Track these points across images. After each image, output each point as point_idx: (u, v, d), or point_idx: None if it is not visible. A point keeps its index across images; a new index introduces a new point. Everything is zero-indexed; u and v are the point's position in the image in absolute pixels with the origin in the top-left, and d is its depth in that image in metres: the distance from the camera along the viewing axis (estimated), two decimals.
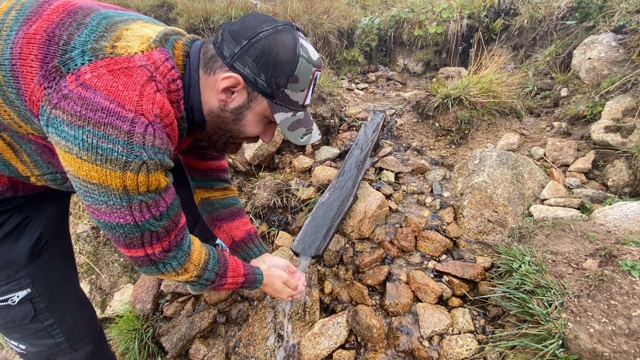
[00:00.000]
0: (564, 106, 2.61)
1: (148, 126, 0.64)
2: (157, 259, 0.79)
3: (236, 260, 1.04)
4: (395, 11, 4.36)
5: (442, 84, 2.81)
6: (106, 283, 1.96)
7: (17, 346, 0.95)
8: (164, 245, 0.78)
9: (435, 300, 1.54)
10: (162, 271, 0.82)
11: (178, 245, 0.82)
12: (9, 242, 0.83)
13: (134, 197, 0.68)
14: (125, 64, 0.64)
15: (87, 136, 0.59)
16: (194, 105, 0.83)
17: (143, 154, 0.64)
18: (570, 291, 1.18)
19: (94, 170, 0.62)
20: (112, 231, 0.71)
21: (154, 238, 0.76)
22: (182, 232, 0.84)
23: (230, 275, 0.99)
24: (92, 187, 0.65)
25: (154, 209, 0.73)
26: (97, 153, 0.60)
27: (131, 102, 0.62)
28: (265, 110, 0.83)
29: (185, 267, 0.85)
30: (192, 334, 1.58)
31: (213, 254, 0.95)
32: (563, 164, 2.16)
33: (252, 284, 1.09)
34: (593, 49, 2.54)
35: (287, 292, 1.19)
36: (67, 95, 0.58)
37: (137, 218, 0.70)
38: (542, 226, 1.60)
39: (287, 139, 2.60)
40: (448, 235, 1.84)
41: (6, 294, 0.84)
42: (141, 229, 0.72)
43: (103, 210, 0.68)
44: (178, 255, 0.83)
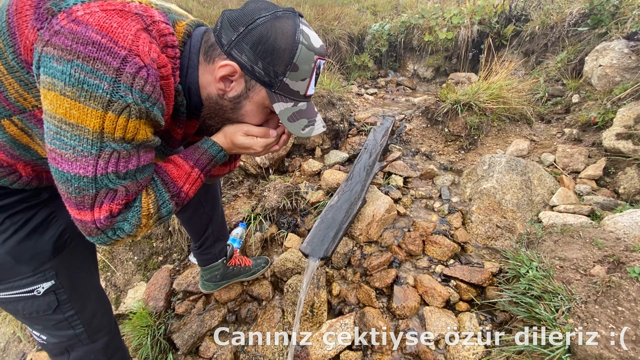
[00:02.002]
0: (575, 113, 2.59)
1: (142, 69, 0.61)
2: (103, 225, 0.68)
3: (174, 160, 0.85)
4: (406, 17, 4.39)
5: (451, 89, 2.82)
6: (120, 280, 2.02)
7: (38, 336, 1.00)
8: (115, 208, 0.69)
9: (442, 304, 1.55)
10: (114, 238, 0.72)
11: (129, 207, 0.72)
12: (35, 237, 0.86)
13: (107, 143, 0.63)
14: (120, 6, 0.63)
15: (75, 70, 0.57)
16: (191, 88, 0.81)
17: (128, 95, 0.61)
18: (577, 297, 1.18)
19: (75, 107, 0.59)
20: (66, 184, 0.65)
21: (108, 197, 0.67)
22: (140, 191, 0.74)
23: (183, 183, 0.83)
24: (67, 127, 0.61)
25: (122, 163, 0.66)
26: (82, 89, 0.58)
27: (125, 39, 0.60)
28: (265, 100, 0.80)
29: (140, 225, 0.74)
30: (202, 331, 1.63)
31: (155, 184, 0.78)
32: (573, 170, 2.15)
33: (212, 161, 0.89)
34: (605, 56, 2.52)
35: (258, 142, 0.89)
36: (59, 31, 0.58)
37: (99, 170, 0.64)
38: (551, 232, 1.59)
39: (297, 142, 2.66)
40: (456, 240, 1.85)
41: (32, 285, 0.88)
42: (98, 184, 0.66)
43: (67, 157, 0.63)
44: (128, 216, 0.71)
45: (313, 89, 0.83)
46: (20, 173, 0.81)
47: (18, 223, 0.83)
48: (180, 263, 2.07)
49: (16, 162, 0.79)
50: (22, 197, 0.85)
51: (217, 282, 1.68)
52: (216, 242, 1.53)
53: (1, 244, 0.81)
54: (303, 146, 2.71)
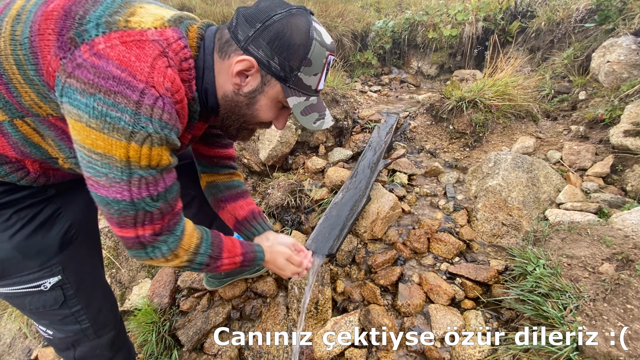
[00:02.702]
0: (582, 109, 2.57)
1: (158, 99, 0.65)
2: (146, 241, 0.77)
3: (233, 240, 1.01)
4: (410, 14, 4.36)
5: (456, 86, 2.80)
6: (125, 277, 2.03)
7: (45, 331, 1.00)
8: (155, 228, 0.77)
9: (447, 302, 1.54)
10: (151, 256, 0.80)
11: (170, 230, 0.81)
12: (42, 232, 0.87)
13: (135, 170, 0.68)
14: (137, 37, 0.66)
15: (98, 104, 0.61)
16: (208, 89, 0.84)
17: (149, 126, 0.64)
18: (585, 295, 1.17)
19: (100, 139, 0.63)
20: (107, 206, 0.71)
21: (147, 219, 0.75)
22: (177, 217, 0.83)
23: (226, 257, 0.96)
24: (96, 157, 0.65)
25: (152, 187, 0.72)
26: (105, 121, 0.62)
27: (142, 72, 0.63)
28: (279, 94, 0.83)
29: (175, 253, 0.83)
30: (207, 328, 1.63)
31: (206, 237, 0.92)
32: (580, 168, 2.13)
33: (253, 261, 1.05)
34: (612, 52, 2.49)
35: (291, 269, 1.14)
36: (81, 64, 0.61)
37: (134, 195, 0.70)
38: (558, 230, 1.58)
39: (301, 140, 2.66)
40: (461, 238, 1.84)
41: (39, 280, 0.88)
42: (136, 207, 0.71)
43: (102, 183, 0.68)
44: (169, 240, 0.81)
45: (323, 84, 0.86)
46: (29, 169, 0.82)
47: (25, 218, 0.84)
48: None
49: (25, 159, 0.80)
50: (28, 192, 0.86)
51: (221, 279, 1.68)
52: None
53: (8, 239, 0.82)
54: (307, 143, 2.70)
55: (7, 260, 0.83)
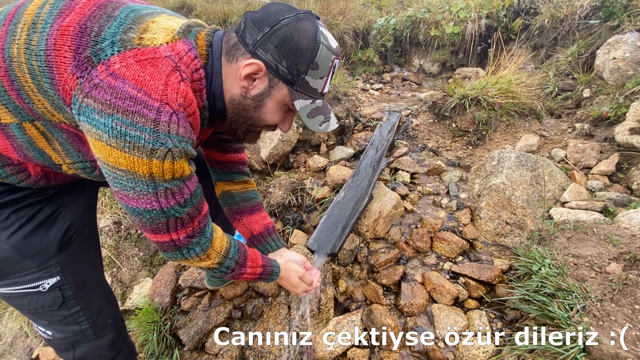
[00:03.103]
0: (587, 107, 2.54)
1: (172, 115, 0.66)
2: (181, 244, 0.82)
3: (255, 251, 1.06)
4: (412, 11, 4.33)
5: (459, 84, 2.78)
6: (126, 276, 2.02)
7: (44, 332, 0.99)
8: (188, 231, 0.81)
9: (451, 302, 1.52)
10: (186, 256, 0.85)
11: (201, 232, 0.85)
12: (41, 232, 0.86)
13: (160, 184, 0.70)
14: (151, 54, 0.67)
15: (116, 124, 0.62)
16: (215, 94, 0.85)
17: (168, 141, 0.66)
18: (592, 295, 1.15)
19: (122, 157, 0.65)
20: (139, 216, 0.74)
21: (179, 224, 0.78)
22: (205, 219, 0.86)
23: (249, 265, 1.01)
24: (121, 173, 0.67)
25: (178, 195, 0.75)
26: (125, 140, 0.63)
27: (157, 91, 0.64)
28: (286, 98, 0.84)
29: (207, 254, 0.88)
30: (208, 327, 1.61)
31: (234, 243, 0.98)
32: (585, 166, 2.11)
33: (270, 275, 1.11)
34: (617, 49, 2.46)
35: (302, 287, 1.21)
36: (98, 84, 0.62)
37: (163, 204, 0.73)
38: (563, 229, 1.56)
39: (302, 138, 2.64)
40: (464, 237, 1.82)
41: (37, 281, 0.87)
42: (167, 215, 0.75)
43: (131, 196, 0.71)
44: (201, 241, 0.85)
45: (328, 87, 0.87)
46: (30, 172, 0.82)
47: (23, 218, 0.83)
48: None
49: (27, 162, 0.80)
50: (27, 193, 0.85)
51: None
52: None
53: (6, 238, 0.81)
54: (308, 142, 2.69)
55: (6, 261, 0.82)
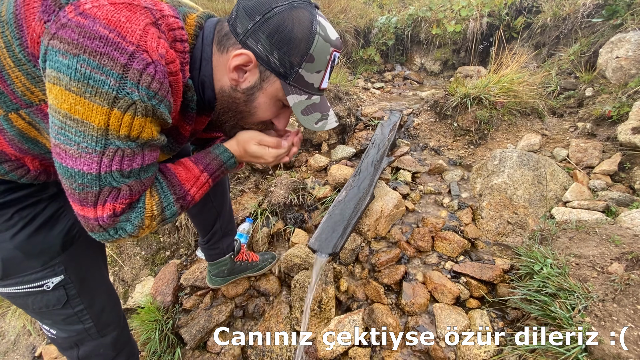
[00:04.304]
0: (589, 106, 2.53)
1: (149, 65, 0.60)
2: (105, 224, 0.68)
3: (185, 162, 0.86)
4: (413, 10, 4.32)
5: (460, 83, 2.77)
6: (128, 275, 2.02)
7: (48, 330, 1.00)
8: (117, 207, 0.68)
9: (452, 301, 1.52)
10: (116, 237, 0.72)
11: (133, 207, 0.72)
12: (44, 231, 0.86)
13: (112, 140, 0.62)
14: (129, 0, 0.61)
15: (81, 65, 0.56)
16: (205, 82, 0.79)
17: (135, 93, 0.59)
18: (594, 295, 1.15)
19: (80, 103, 0.58)
20: (70, 180, 0.65)
21: (112, 196, 0.67)
22: (143, 192, 0.75)
23: (190, 186, 0.83)
24: (72, 123, 0.60)
25: (127, 161, 0.66)
26: (87, 84, 0.57)
27: (133, 35, 0.58)
28: (278, 92, 0.78)
29: (141, 226, 0.73)
30: (210, 326, 1.62)
31: (159, 185, 0.78)
32: (587, 165, 2.10)
33: (222, 167, 0.90)
34: (620, 48, 2.45)
35: (270, 153, 0.91)
36: (66, 24, 0.57)
37: (103, 168, 0.64)
38: (565, 229, 1.56)
39: (303, 137, 2.64)
40: (466, 236, 1.82)
41: (42, 280, 0.87)
42: (101, 182, 0.65)
43: (71, 152, 0.62)
44: (131, 216, 0.71)
45: (327, 82, 0.81)
46: (29, 167, 0.80)
47: (27, 218, 0.83)
48: (187, 258, 2.07)
49: (24, 156, 0.78)
50: (30, 191, 0.85)
51: (224, 277, 1.67)
52: (224, 237, 1.52)
53: (10, 238, 0.81)
54: (309, 141, 2.69)
55: (9, 260, 0.82)
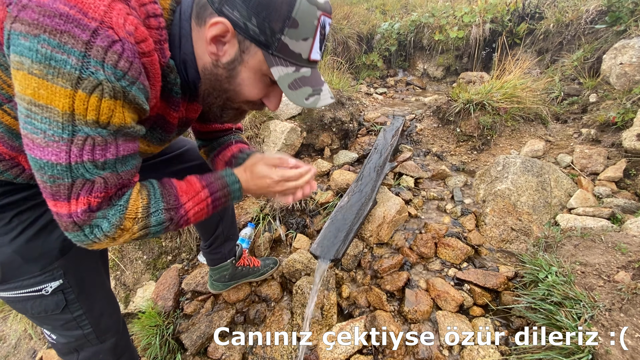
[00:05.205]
0: (593, 112, 2.52)
1: (115, 43, 0.56)
2: (80, 220, 0.63)
3: (189, 178, 0.83)
4: (416, 16, 4.34)
5: (463, 88, 2.77)
6: (130, 279, 2.02)
7: (49, 335, 0.99)
8: (92, 201, 0.63)
9: (455, 309, 1.51)
10: (92, 239, 0.66)
11: (112, 204, 0.66)
12: (43, 235, 0.85)
13: (80, 127, 0.58)
14: None
15: (42, 46, 0.53)
16: (187, 61, 0.74)
17: (100, 72, 0.55)
18: (601, 304, 1.13)
19: (43, 87, 0.55)
20: (40, 171, 0.60)
21: (85, 189, 0.62)
22: (125, 189, 0.69)
23: (186, 200, 0.78)
24: (37, 110, 0.56)
25: (99, 151, 0.61)
26: (49, 65, 0.54)
27: (96, 10, 0.55)
28: (262, 65, 0.70)
29: (121, 227, 0.67)
30: (211, 332, 1.61)
31: (153, 191, 0.75)
32: (592, 172, 2.08)
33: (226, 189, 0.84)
34: (624, 54, 2.44)
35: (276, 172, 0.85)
36: (27, 5, 0.54)
37: (73, 157, 0.59)
38: (570, 236, 1.54)
39: (306, 142, 2.64)
40: (469, 243, 1.80)
41: (40, 284, 0.86)
42: (73, 173, 0.60)
43: (38, 142, 0.58)
44: (109, 214, 0.66)
45: (319, 54, 0.73)
46: (23, 166, 0.78)
47: (26, 222, 0.82)
48: (189, 263, 2.06)
49: (18, 155, 0.76)
50: (29, 193, 0.84)
51: (225, 282, 1.67)
52: (226, 242, 1.51)
53: (9, 242, 0.80)
54: (312, 146, 2.69)
55: (8, 265, 0.81)
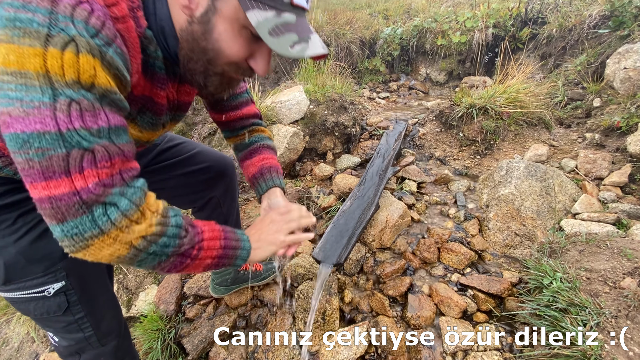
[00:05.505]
0: (597, 117, 2.51)
1: (83, 3, 0.52)
2: (91, 195, 0.53)
3: (210, 222, 0.79)
4: (418, 21, 4.36)
5: (466, 93, 2.77)
6: (132, 283, 2.02)
7: (52, 337, 1.00)
8: (102, 174, 0.54)
9: (459, 315, 1.49)
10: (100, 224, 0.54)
11: (125, 182, 0.58)
12: (47, 236, 0.84)
13: (60, 90, 0.51)
14: None
15: (6, 10, 0.49)
16: (164, 28, 0.69)
17: (70, 27, 0.51)
18: (607, 311, 1.11)
19: (11, 51, 0.49)
20: (24, 148, 0.51)
21: (88, 160, 0.53)
22: (131, 167, 0.61)
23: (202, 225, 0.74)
24: (8, 78, 0.50)
25: (89, 116, 0.53)
26: (15, 27, 0.49)
27: None
28: (238, 13, 0.63)
29: (141, 210, 0.59)
30: (212, 337, 1.60)
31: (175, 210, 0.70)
32: (597, 177, 2.07)
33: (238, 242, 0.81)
34: (628, 59, 2.44)
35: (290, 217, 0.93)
36: None
37: (63, 124, 0.51)
38: (575, 241, 1.52)
39: (309, 147, 2.65)
40: (473, 248, 1.79)
41: (43, 286, 0.86)
42: (66, 142, 0.51)
43: (16, 113, 0.50)
44: (127, 191, 0.58)
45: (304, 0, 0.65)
46: None
47: (31, 223, 0.82)
48: None
49: None
50: None
51: (227, 286, 1.66)
52: None
53: (13, 243, 0.80)
54: (314, 150, 2.69)
55: (12, 266, 0.82)
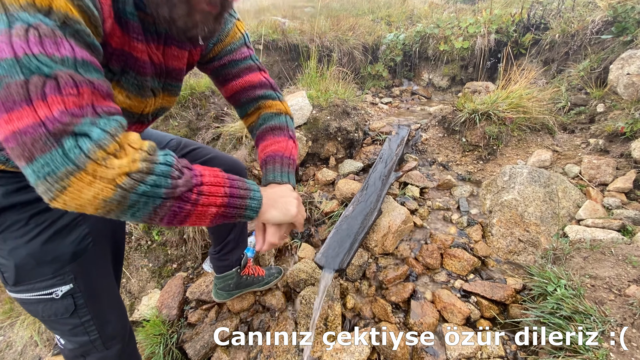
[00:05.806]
0: (601, 122, 2.50)
1: None
2: (58, 126, 0.46)
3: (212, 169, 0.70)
4: (421, 27, 4.38)
5: (469, 98, 2.77)
6: (135, 287, 2.03)
7: (59, 340, 1.00)
8: (68, 103, 0.47)
9: (462, 322, 1.48)
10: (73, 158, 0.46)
11: (98, 114, 0.50)
12: (58, 239, 0.85)
13: (15, 14, 0.46)
14: None
15: None
16: None
17: None
18: (612, 319, 1.10)
19: None
20: None
21: (51, 86, 0.46)
22: (111, 109, 0.54)
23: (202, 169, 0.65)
24: None
25: (49, 43, 0.47)
26: None
27: None
28: None
29: (119, 141, 0.51)
30: (214, 342, 1.60)
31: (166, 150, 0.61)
32: (601, 183, 2.05)
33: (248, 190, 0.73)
34: (632, 64, 2.43)
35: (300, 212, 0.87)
36: None
37: (18, 49, 0.45)
38: (579, 248, 1.51)
39: (311, 152, 2.65)
40: (476, 254, 1.78)
41: (51, 288, 0.87)
42: (26, 67, 0.45)
43: None
44: (100, 121, 0.50)
45: None
46: None
47: (43, 224, 0.82)
48: (194, 271, 2.07)
49: None
50: None
51: (230, 291, 1.66)
52: (235, 249, 1.52)
53: (25, 244, 0.80)
54: (317, 155, 2.70)
55: (22, 267, 0.82)
